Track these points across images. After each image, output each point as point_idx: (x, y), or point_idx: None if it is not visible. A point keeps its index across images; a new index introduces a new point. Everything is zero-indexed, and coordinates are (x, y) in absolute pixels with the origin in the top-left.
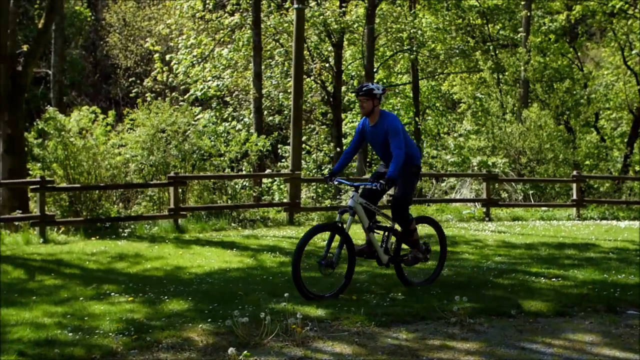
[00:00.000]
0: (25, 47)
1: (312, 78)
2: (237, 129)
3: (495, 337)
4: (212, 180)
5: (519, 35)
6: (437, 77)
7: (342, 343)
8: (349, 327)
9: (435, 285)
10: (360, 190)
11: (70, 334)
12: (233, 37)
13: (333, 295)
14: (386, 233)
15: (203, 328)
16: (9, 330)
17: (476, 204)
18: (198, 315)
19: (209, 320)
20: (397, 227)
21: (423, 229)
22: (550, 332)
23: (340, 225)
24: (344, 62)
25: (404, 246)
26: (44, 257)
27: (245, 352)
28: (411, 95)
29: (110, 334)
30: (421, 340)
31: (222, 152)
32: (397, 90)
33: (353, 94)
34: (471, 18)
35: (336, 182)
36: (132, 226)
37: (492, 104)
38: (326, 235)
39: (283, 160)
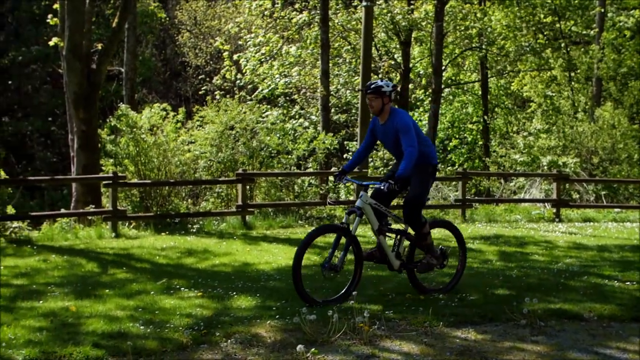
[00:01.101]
0: (99, 46)
1: (380, 76)
2: (304, 126)
3: (567, 341)
4: (279, 178)
5: (592, 32)
6: (506, 75)
7: (410, 342)
8: (417, 326)
9: (505, 286)
10: (370, 190)
11: (141, 327)
12: (301, 34)
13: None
14: (398, 236)
15: (271, 324)
16: (84, 322)
17: (546, 204)
18: (266, 311)
19: (277, 317)
20: (410, 230)
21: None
22: (625, 337)
23: (346, 226)
24: (411, 60)
25: (419, 250)
26: (116, 251)
27: (313, 349)
28: (480, 93)
29: (180, 328)
30: (490, 341)
31: (290, 149)
32: (465, 88)
33: (421, 92)
34: (542, 15)
35: (345, 181)
36: (201, 222)
37: (563, 102)
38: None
39: (348, 158)
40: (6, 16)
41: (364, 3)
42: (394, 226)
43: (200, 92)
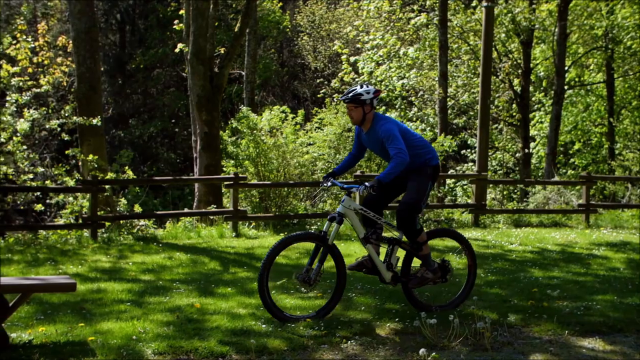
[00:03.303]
0: (222, 50)
1: (500, 78)
2: (421, 128)
3: None
4: None
5: None
6: (634, 75)
7: (534, 351)
8: (540, 334)
9: (635, 295)
10: (355, 194)
11: (263, 326)
12: (418, 36)
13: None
14: (390, 246)
15: (391, 327)
16: (208, 319)
17: None
18: (385, 314)
19: (397, 319)
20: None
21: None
22: None
23: (323, 234)
24: (532, 61)
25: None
26: (237, 250)
27: (434, 353)
28: (605, 94)
29: (301, 327)
30: (620, 353)
31: None
32: (588, 89)
33: (541, 94)
34: None
35: (329, 184)
36: (319, 223)
37: None
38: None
39: (465, 162)
40: (136, 22)
41: (485, 4)
42: (386, 234)
43: (318, 95)
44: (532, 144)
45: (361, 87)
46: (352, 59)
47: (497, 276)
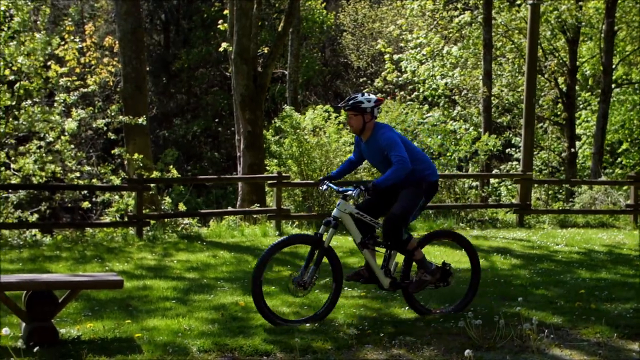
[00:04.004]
0: (265, 49)
1: (545, 76)
2: (464, 128)
3: None
4: (440, 180)
5: None
6: None
7: (582, 353)
8: (588, 336)
9: None
10: (352, 199)
11: (307, 325)
12: (462, 34)
13: (309, 321)
14: (388, 251)
15: (435, 327)
16: (252, 317)
17: None
18: (429, 314)
19: (441, 319)
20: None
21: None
22: None
23: (318, 237)
24: (579, 59)
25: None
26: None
27: (480, 354)
28: None
29: (345, 327)
30: None
31: (452, 151)
32: (636, 87)
33: (587, 93)
34: None
35: (324, 187)
36: None
37: None
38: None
39: (509, 161)
40: (180, 22)
41: (530, 1)
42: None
43: None
44: (577, 143)
45: (362, 95)
46: (395, 56)
47: (543, 277)
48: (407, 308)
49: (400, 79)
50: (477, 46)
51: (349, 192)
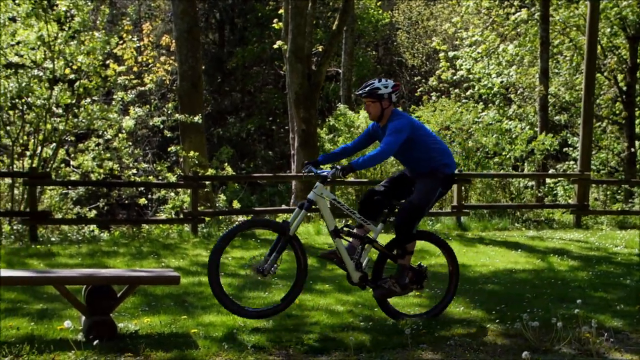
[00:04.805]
0: (320, 48)
1: (604, 74)
2: (520, 127)
3: None
4: (494, 179)
5: None
6: None
7: None
8: None
9: None
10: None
11: (362, 323)
12: (518, 31)
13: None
14: (362, 245)
15: (491, 329)
16: (307, 314)
17: None
18: (486, 315)
19: (497, 321)
20: (380, 239)
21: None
22: None
23: (285, 224)
24: (639, 56)
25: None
26: (333, 247)
27: (537, 357)
28: None
29: (399, 326)
30: None
31: (507, 150)
32: None
33: None
34: None
35: (306, 170)
36: None
37: None
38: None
39: (566, 161)
40: (235, 21)
41: None
42: (357, 230)
43: (416, 94)
44: (637, 143)
45: (379, 80)
46: (450, 54)
47: (602, 279)
48: (462, 309)
49: (455, 77)
50: (534, 44)
51: (324, 173)
